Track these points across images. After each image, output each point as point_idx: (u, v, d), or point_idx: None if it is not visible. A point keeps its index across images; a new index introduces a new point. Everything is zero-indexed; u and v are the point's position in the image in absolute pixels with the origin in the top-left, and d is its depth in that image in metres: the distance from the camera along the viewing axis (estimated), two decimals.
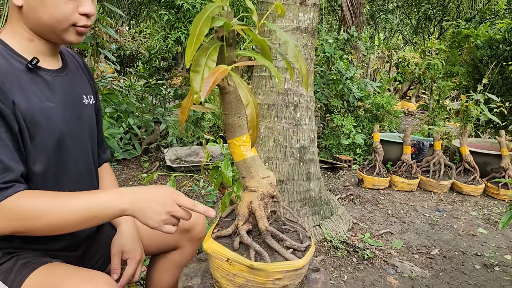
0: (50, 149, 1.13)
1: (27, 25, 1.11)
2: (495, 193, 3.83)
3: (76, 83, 1.27)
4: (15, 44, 1.12)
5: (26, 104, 1.06)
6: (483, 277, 2.42)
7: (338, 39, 5.13)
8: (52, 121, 1.13)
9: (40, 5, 1.07)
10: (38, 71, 1.13)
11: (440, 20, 11.87)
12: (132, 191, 1.07)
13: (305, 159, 2.80)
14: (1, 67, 1.04)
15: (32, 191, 1.04)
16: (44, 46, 1.16)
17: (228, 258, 1.05)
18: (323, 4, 12.26)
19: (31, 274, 1.06)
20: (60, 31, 1.11)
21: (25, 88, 1.08)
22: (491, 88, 5.02)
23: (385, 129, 5.40)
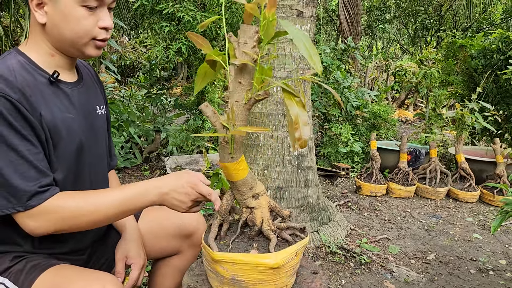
0: (70, 157, 1.20)
1: (49, 41, 1.17)
2: (490, 200, 3.89)
3: (91, 95, 1.33)
4: (37, 58, 1.18)
5: (50, 116, 1.13)
6: (478, 281, 2.47)
7: (336, 49, 5.23)
8: (72, 131, 1.20)
9: (63, 22, 1.12)
10: (59, 84, 1.20)
11: (437, 30, 12.01)
12: (157, 184, 1.16)
13: (303, 166, 2.87)
14: (27, 81, 1.11)
15: (69, 192, 1.13)
16: (64, 60, 1.22)
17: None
18: (321, 14, 12.40)
19: (40, 275, 1.11)
20: (81, 46, 1.17)
21: (48, 100, 1.15)
22: (486, 97, 5.10)
23: (383, 137, 5.47)
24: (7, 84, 1.05)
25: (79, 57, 1.24)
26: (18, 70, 1.11)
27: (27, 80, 1.11)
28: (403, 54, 15.84)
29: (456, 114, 4.18)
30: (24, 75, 1.12)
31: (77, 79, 1.29)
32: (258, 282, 1.09)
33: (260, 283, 1.09)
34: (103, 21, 1.17)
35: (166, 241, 1.47)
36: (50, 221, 1.07)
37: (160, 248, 1.48)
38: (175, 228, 1.47)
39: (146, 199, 1.14)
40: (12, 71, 1.09)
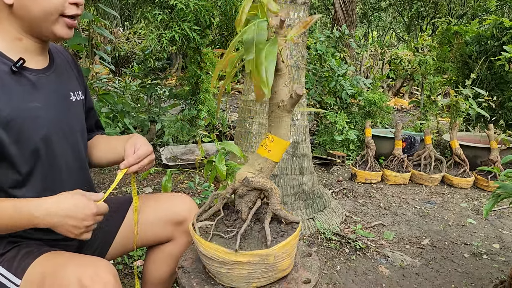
0: (36, 149, 1.18)
1: (17, 24, 1.14)
2: (484, 185, 3.91)
3: (63, 80, 1.30)
4: (2, 44, 1.15)
5: (8, 108, 1.10)
6: (471, 265, 2.50)
7: (330, 37, 5.21)
8: (37, 122, 1.17)
9: (30, 0, 1.10)
10: (24, 71, 1.16)
11: (432, 17, 11.98)
12: (52, 205, 1.10)
13: (298, 154, 2.88)
14: None
15: None
16: (33, 44, 1.19)
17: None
18: (316, 2, 12.34)
19: (33, 262, 1.12)
20: (50, 24, 1.14)
21: (8, 91, 1.12)
22: (480, 83, 5.11)
23: (378, 125, 5.48)
24: None
25: (49, 39, 1.21)
26: None
27: None
28: (398, 43, 15.81)
29: (451, 101, 4.19)
30: None
31: (48, 65, 1.26)
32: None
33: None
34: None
35: (159, 228, 1.47)
36: None
37: (153, 235, 1.49)
38: (167, 214, 1.47)
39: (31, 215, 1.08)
40: None
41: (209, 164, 2.03)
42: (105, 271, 1.05)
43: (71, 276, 1.02)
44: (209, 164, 2.03)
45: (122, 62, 10.69)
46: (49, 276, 1.06)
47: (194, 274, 1.20)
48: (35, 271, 1.10)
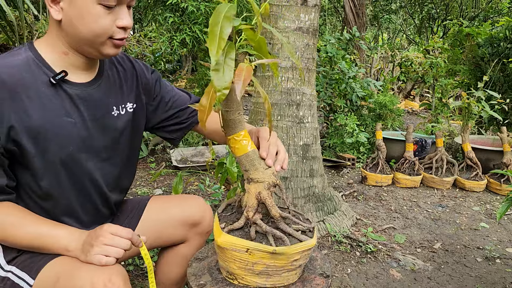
0: (60, 164, 1.18)
1: (65, 39, 1.13)
2: (497, 189, 3.86)
3: (108, 94, 1.27)
4: (49, 55, 1.14)
5: (41, 119, 1.11)
6: (484, 269, 2.47)
7: (341, 39, 5.19)
8: (66, 137, 1.16)
9: (79, 20, 1.08)
10: (64, 84, 1.15)
11: (444, 19, 11.89)
12: (82, 235, 1.12)
13: (308, 156, 2.87)
14: (24, 81, 1.09)
15: (7, 205, 1.12)
16: (79, 60, 1.18)
17: (248, 248, 1.07)
18: (326, 5, 12.32)
19: (48, 262, 1.12)
20: (98, 45, 1.12)
21: (44, 102, 1.12)
22: (493, 85, 5.06)
23: (388, 128, 5.45)
24: None
25: (96, 57, 1.18)
26: (20, 67, 1.09)
27: (24, 79, 1.09)
28: (409, 45, 15.71)
29: (463, 103, 4.15)
30: (24, 74, 1.09)
31: (93, 79, 1.23)
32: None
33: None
34: (121, 20, 1.12)
35: (173, 229, 1.48)
36: None
37: (167, 236, 1.49)
38: (181, 216, 1.48)
39: (63, 245, 1.11)
40: (11, 68, 1.08)
41: (220, 166, 2.04)
42: (118, 277, 1.04)
43: (85, 279, 1.01)
44: (220, 166, 2.04)
45: None
46: (63, 278, 1.06)
47: (205, 275, 1.20)
48: (50, 272, 1.10)
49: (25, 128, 1.09)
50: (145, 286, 2.07)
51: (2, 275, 1.15)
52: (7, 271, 1.15)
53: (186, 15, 3.79)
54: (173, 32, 3.84)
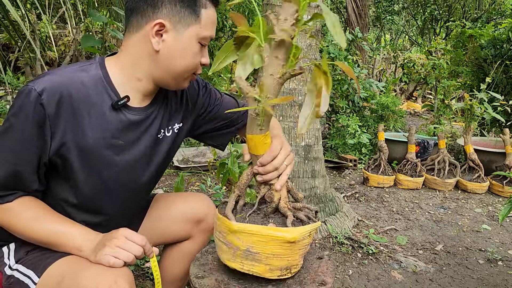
0: (102, 181, 1.20)
1: (151, 67, 1.15)
2: (499, 191, 3.85)
3: (158, 118, 1.28)
4: (117, 77, 1.15)
5: (94, 138, 1.12)
6: (486, 272, 2.46)
7: None
8: (112, 159, 1.18)
9: (179, 54, 1.12)
10: (123, 109, 1.16)
11: (446, 21, 11.87)
12: (97, 236, 1.13)
13: (310, 157, 2.86)
14: (88, 99, 1.10)
15: (29, 199, 1.12)
16: (148, 87, 1.20)
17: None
18: (328, 6, 12.31)
19: (55, 261, 1.12)
20: (181, 78, 1.18)
21: (99, 123, 1.13)
22: (496, 87, 5.04)
23: (390, 129, 5.44)
24: (53, 95, 1.05)
25: (170, 88, 1.22)
26: (88, 85, 1.10)
27: (89, 98, 1.10)
28: (411, 46, 15.69)
29: (465, 105, 4.14)
30: (90, 92, 1.10)
31: (149, 103, 1.24)
32: (272, 255, 1.07)
33: (274, 257, 1.08)
34: (205, 58, 1.18)
35: (177, 226, 1.48)
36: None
37: (171, 233, 1.50)
38: (186, 213, 1.48)
39: (77, 243, 1.11)
40: (80, 84, 1.09)
41: (222, 167, 2.03)
42: (123, 279, 1.03)
43: (90, 280, 1.01)
44: (222, 166, 2.03)
45: None
46: (68, 277, 1.05)
47: (208, 274, 1.19)
48: (55, 271, 1.10)
49: (77, 145, 1.11)
50: (146, 286, 2.07)
51: (8, 273, 1.16)
52: (13, 270, 1.15)
53: None
54: None
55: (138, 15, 1.12)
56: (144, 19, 1.11)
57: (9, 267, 1.16)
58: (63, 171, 1.14)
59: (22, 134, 1.05)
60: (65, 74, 1.09)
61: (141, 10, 1.12)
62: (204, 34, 1.14)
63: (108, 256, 1.04)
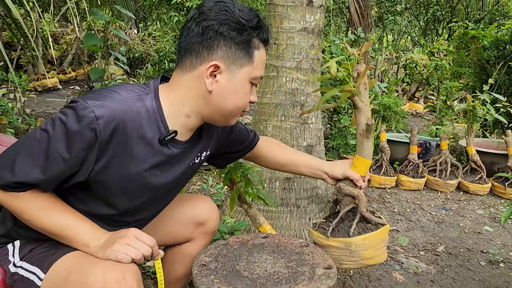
0: (132, 204, 1.23)
1: (201, 105, 1.17)
2: (501, 192, 3.84)
3: (195, 150, 1.31)
4: (169, 111, 1.17)
5: (134, 169, 1.14)
6: (488, 273, 2.45)
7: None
8: (149, 187, 1.20)
9: (232, 94, 1.16)
10: (168, 143, 1.18)
11: (449, 22, 11.85)
12: (105, 234, 1.14)
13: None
14: (140, 129, 1.11)
15: (40, 192, 1.11)
16: (195, 123, 1.22)
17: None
18: (331, 6, 12.30)
19: (61, 257, 1.12)
20: (231, 116, 1.22)
21: (145, 154, 1.14)
22: (498, 89, 5.03)
23: (392, 130, 5.42)
24: (110, 122, 1.05)
25: (218, 125, 1.27)
26: (142, 115, 1.11)
27: (141, 128, 1.11)
28: (414, 47, 15.67)
29: (468, 106, 4.13)
30: (143, 122, 1.11)
31: (190, 137, 1.27)
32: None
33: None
34: (253, 96, 1.23)
35: (180, 227, 1.50)
36: (10, 205, 1.10)
37: (173, 234, 1.51)
38: (189, 215, 1.50)
39: (85, 239, 1.12)
40: (136, 114, 1.10)
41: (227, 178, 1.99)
42: (131, 275, 1.03)
43: (98, 275, 1.00)
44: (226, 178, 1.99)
45: (136, 63, 10.77)
46: (75, 272, 1.05)
47: (215, 273, 1.20)
48: (62, 267, 1.10)
49: (119, 171, 1.12)
50: (146, 285, 2.07)
51: (12, 271, 1.15)
52: (17, 267, 1.15)
53: None
54: (177, 31, 3.83)
55: (192, 56, 1.15)
56: (198, 60, 1.14)
57: (13, 264, 1.16)
58: (95, 188, 1.15)
59: (67, 150, 1.04)
60: (124, 102, 1.09)
61: (196, 52, 1.14)
62: (256, 74, 1.19)
63: (117, 251, 1.05)
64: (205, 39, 1.12)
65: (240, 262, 1.28)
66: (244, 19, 1.13)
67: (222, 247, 1.38)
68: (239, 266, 1.26)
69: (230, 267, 1.25)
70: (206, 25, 1.12)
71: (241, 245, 1.40)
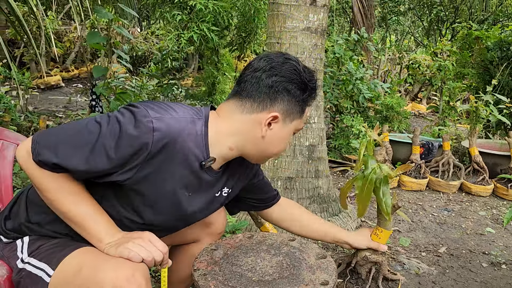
0: (155, 218, 1.24)
1: (246, 144, 1.23)
2: (504, 194, 3.83)
3: (222, 181, 1.34)
4: (214, 139, 1.20)
5: (169, 187, 1.17)
6: (489, 275, 2.44)
7: (349, 40, 5.17)
8: (174, 207, 1.23)
9: (278, 141, 1.25)
10: (206, 169, 1.22)
11: (453, 22, 11.82)
12: (119, 232, 1.15)
13: (314, 157, 2.85)
14: (185, 151, 1.14)
15: (70, 177, 1.11)
16: (234, 155, 1.26)
17: None
18: (334, 6, 12.28)
19: (71, 253, 1.12)
20: (268, 159, 1.32)
21: (182, 175, 1.17)
22: (502, 90, 5.02)
23: (395, 130, 5.41)
24: (164, 137, 1.07)
25: (252, 161, 1.32)
26: (191, 137, 1.14)
27: (187, 150, 1.14)
28: (417, 47, 15.64)
29: (471, 107, 4.11)
30: (190, 144, 1.14)
31: (221, 168, 1.30)
32: None
33: None
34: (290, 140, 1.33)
35: (190, 229, 1.49)
36: (39, 181, 1.09)
37: (179, 235, 1.51)
38: None
39: (101, 235, 1.12)
40: (187, 135, 1.12)
41: None
42: (140, 274, 1.04)
43: (108, 272, 1.01)
44: None
45: (139, 61, 10.78)
46: (86, 268, 1.05)
47: (211, 276, 1.19)
48: (72, 262, 1.10)
49: (155, 184, 1.14)
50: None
51: (19, 266, 1.16)
52: (25, 263, 1.16)
53: (194, 13, 3.78)
54: (180, 30, 3.83)
55: (255, 101, 1.20)
56: (260, 107, 1.20)
57: (21, 260, 1.17)
58: (130, 195, 1.16)
59: (114, 149, 1.05)
60: (181, 122, 1.12)
61: (261, 99, 1.20)
62: (300, 127, 1.29)
63: (129, 249, 1.06)
64: (272, 92, 1.19)
65: (241, 262, 1.28)
66: (307, 80, 1.23)
67: (222, 247, 1.38)
68: (239, 266, 1.26)
69: (230, 267, 1.25)
70: (276, 80, 1.19)
71: (241, 245, 1.40)
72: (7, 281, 1.16)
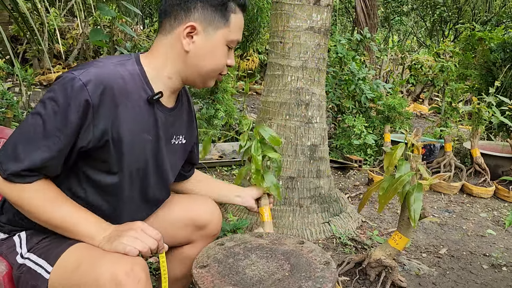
0: (131, 172, 1.23)
1: (179, 66, 1.22)
2: (505, 196, 3.82)
3: (175, 124, 1.35)
4: (152, 74, 1.21)
5: (126, 131, 1.16)
6: (490, 277, 2.44)
7: (351, 40, 5.16)
8: (142, 151, 1.23)
9: (208, 55, 1.21)
10: (156, 105, 1.23)
11: (456, 23, 11.79)
12: (109, 226, 1.15)
13: (315, 157, 2.85)
14: (127, 92, 1.14)
15: (44, 182, 1.11)
16: (176, 86, 1.27)
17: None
18: (337, 5, 12.26)
19: (68, 248, 1.12)
20: (208, 78, 1.27)
21: (134, 116, 1.17)
22: (504, 91, 5.00)
23: (397, 130, 5.41)
24: (98, 86, 1.08)
25: (197, 87, 1.30)
26: (126, 79, 1.14)
27: (127, 91, 1.14)
28: (419, 48, 15.61)
29: (473, 108, 4.11)
30: (129, 86, 1.15)
31: (173, 106, 1.32)
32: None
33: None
34: (231, 60, 1.28)
35: (180, 230, 1.48)
36: (12, 198, 1.10)
37: (173, 236, 1.48)
38: (189, 217, 1.47)
39: (90, 234, 1.13)
40: (120, 78, 1.13)
41: (246, 153, 1.86)
42: (139, 268, 1.04)
43: (107, 267, 1.01)
44: (246, 153, 1.85)
45: None
46: (85, 264, 1.06)
47: (211, 275, 1.19)
48: (70, 257, 1.10)
49: (114, 133, 1.14)
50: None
51: (20, 262, 1.16)
52: (25, 258, 1.16)
53: None
54: None
55: (171, 18, 1.20)
56: (176, 22, 1.19)
57: (21, 255, 1.17)
58: (100, 157, 1.16)
59: (63, 122, 1.06)
60: (107, 67, 1.13)
61: (175, 14, 1.20)
62: (232, 38, 1.24)
63: (124, 244, 1.06)
64: (183, 2, 1.18)
65: (241, 262, 1.28)
66: None
67: (222, 248, 1.38)
68: (240, 266, 1.26)
69: (231, 267, 1.25)
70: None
71: (241, 245, 1.40)
72: (6, 277, 1.16)
